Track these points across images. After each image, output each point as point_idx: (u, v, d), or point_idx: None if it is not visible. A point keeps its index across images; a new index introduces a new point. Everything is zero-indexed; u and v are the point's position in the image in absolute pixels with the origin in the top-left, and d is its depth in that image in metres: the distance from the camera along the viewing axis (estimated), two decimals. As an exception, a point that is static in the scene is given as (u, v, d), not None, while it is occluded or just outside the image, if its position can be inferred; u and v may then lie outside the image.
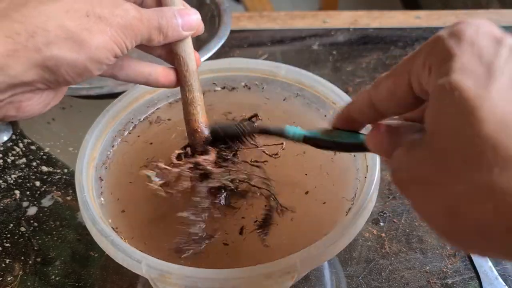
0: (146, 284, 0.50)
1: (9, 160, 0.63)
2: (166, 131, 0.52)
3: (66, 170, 0.62)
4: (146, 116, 0.54)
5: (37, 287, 0.51)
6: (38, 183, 0.60)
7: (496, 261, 0.52)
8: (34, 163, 0.63)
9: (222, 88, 0.55)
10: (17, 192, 0.59)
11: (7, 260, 0.53)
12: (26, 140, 0.65)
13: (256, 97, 0.55)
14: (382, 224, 0.56)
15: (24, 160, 0.63)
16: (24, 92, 0.35)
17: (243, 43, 0.82)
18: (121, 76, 0.41)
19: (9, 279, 0.51)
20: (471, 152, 0.23)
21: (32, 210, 0.58)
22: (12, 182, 0.61)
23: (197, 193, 0.42)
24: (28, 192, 0.59)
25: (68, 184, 0.60)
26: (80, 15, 0.34)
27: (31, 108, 0.37)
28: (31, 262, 0.53)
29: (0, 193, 0.60)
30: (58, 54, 0.34)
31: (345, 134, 0.35)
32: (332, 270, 0.52)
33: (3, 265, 0.52)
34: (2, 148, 0.64)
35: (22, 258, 0.53)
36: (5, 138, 0.65)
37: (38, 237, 0.55)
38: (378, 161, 0.44)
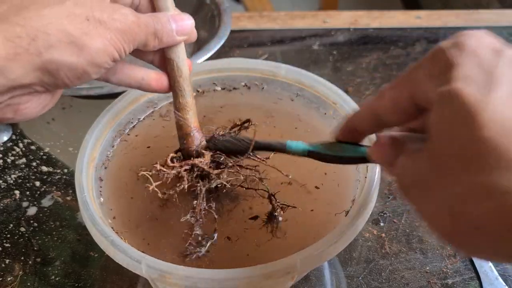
0: (146, 284, 0.50)
1: (9, 160, 0.63)
2: (166, 131, 0.52)
3: (66, 170, 0.62)
4: (146, 116, 0.54)
5: (37, 287, 0.51)
6: (38, 183, 0.60)
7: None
8: (34, 163, 0.63)
9: (222, 88, 0.55)
10: (17, 192, 0.59)
11: (7, 260, 0.53)
12: (26, 140, 0.65)
13: (256, 97, 0.55)
14: (382, 224, 0.56)
15: (24, 160, 0.63)
16: (23, 94, 0.35)
17: (243, 43, 0.82)
18: (114, 80, 0.41)
19: (9, 279, 0.51)
20: (472, 155, 0.24)
21: (32, 210, 0.57)
22: (12, 182, 0.61)
23: (195, 194, 0.42)
24: (28, 192, 0.59)
25: (68, 184, 0.60)
26: (80, 20, 0.34)
27: (29, 111, 0.37)
28: (31, 262, 0.53)
29: (0, 193, 0.60)
30: (59, 58, 0.34)
31: (347, 147, 0.37)
32: (332, 270, 0.52)
33: (3, 265, 0.52)
34: (2, 148, 0.64)
35: (22, 258, 0.53)
36: (5, 138, 0.65)
37: (38, 237, 0.55)
38: (378, 161, 0.44)
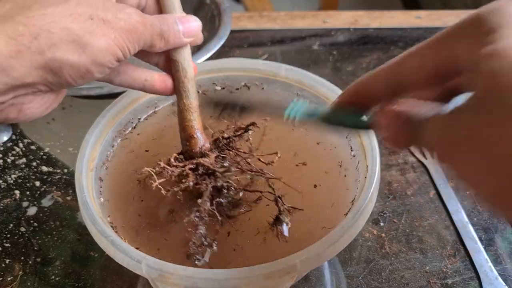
0: (146, 284, 0.50)
1: (9, 160, 0.63)
2: (168, 132, 0.52)
3: (66, 170, 0.62)
4: (146, 116, 0.54)
5: (37, 287, 0.51)
6: (38, 183, 0.60)
7: (496, 261, 0.52)
8: (34, 163, 0.63)
9: (222, 88, 0.55)
10: (17, 192, 0.59)
11: (7, 260, 0.53)
12: (26, 140, 0.65)
13: (257, 97, 0.55)
14: (382, 224, 0.56)
15: (24, 160, 0.63)
16: (26, 94, 0.35)
17: (243, 43, 0.82)
18: (117, 81, 0.41)
19: (9, 279, 0.51)
20: None
21: (32, 210, 0.57)
22: (12, 182, 0.61)
23: (199, 193, 0.42)
24: (28, 192, 0.59)
25: (68, 184, 0.60)
26: (84, 18, 0.34)
27: (33, 111, 0.37)
28: (31, 262, 0.53)
29: (0, 193, 0.60)
30: (61, 56, 0.34)
31: (349, 118, 0.34)
32: (332, 270, 0.52)
33: (3, 265, 0.52)
34: (2, 148, 0.64)
35: (22, 258, 0.53)
36: (5, 138, 0.65)
37: (38, 237, 0.55)
38: (378, 161, 0.44)
